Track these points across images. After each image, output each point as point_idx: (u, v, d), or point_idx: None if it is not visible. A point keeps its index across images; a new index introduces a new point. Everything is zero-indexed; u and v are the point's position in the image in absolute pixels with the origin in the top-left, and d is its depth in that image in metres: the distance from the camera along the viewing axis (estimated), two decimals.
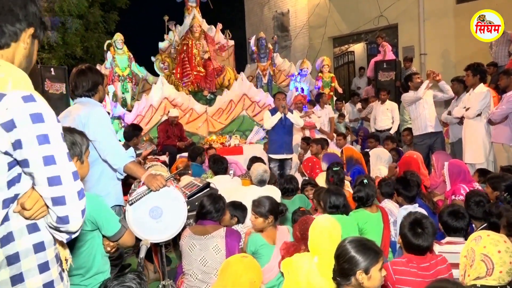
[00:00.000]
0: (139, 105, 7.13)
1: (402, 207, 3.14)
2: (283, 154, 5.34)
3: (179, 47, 7.97)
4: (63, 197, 1.16)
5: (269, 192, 3.52)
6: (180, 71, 7.84)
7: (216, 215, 2.81)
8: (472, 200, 2.90)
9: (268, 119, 5.31)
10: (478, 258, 1.84)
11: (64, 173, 1.16)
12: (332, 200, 2.87)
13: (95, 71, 2.63)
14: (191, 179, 3.92)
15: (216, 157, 4.47)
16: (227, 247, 2.61)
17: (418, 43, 9.37)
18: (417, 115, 5.53)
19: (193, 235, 2.70)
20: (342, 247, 1.77)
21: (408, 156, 4.34)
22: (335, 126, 7.60)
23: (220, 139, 7.10)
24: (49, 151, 1.14)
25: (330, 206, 2.86)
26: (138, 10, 14.34)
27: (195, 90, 7.97)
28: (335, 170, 3.86)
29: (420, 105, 5.44)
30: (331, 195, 2.88)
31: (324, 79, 8.59)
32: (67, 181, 1.16)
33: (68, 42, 11.36)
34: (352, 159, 4.79)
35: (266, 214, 2.72)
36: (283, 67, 9.20)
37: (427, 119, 5.41)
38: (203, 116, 7.46)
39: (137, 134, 4.66)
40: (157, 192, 2.36)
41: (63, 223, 1.19)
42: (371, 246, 1.75)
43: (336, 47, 12.08)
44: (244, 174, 4.75)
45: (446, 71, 7.90)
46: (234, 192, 3.65)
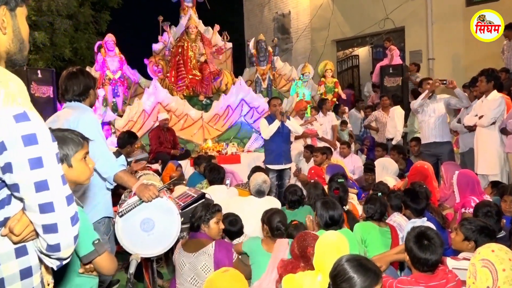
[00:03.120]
0: (131, 110, 7.13)
1: (410, 221, 3.14)
2: (281, 164, 5.32)
3: (174, 49, 8.01)
4: (55, 225, 1.12)
5: (269, 204, 3.52)
6: (175, 74, 7.87)
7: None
8: (480, 211, 2.91)
9: (266, 128, 5.27)
10: (479, 265, 1.84)
11: (58, 199, 1.12)
12: (330, 215, 2.85)
13: (87, 75, 2.64)
14: (185, 189, 3.91)
15: (212, 165, 4.46)
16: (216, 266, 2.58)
17: (426, 47, 9.44)
18: (422, 124, 5.57)
19: (182, 251, 2.68)
20: (340, 266, 1.75)
21: (420, 166, 4.33)
22: (338, 134, 7.62)
23: (217, 147, 7.09)
24: (41, 176, 1.10)
25: (327, 222, 2.85)
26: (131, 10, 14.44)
27: (190, 94, 7.98)
28: (340, 182, 3.86)
29: (426, 113, 5.45)
30: (328, 209, 2.87)
31: (327, 84, 8.63)
32: (60, 208, 1.13)
33: (56, 43, 11.39)
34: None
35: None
36: (283, 71, 9.24)
37: (431, 128, 5.41)
38: (198, 122, 7.46)
39: (131, 142, 4.66)
40: (149, 203, 2.35)
41: (54, 251, 1.16)
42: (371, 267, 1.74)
43: (339, 50, 12.16)
44: (244, 184, 4.74)
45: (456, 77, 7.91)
46: (231, 204, 3.64)
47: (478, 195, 3.54)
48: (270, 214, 2.93)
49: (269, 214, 2.94)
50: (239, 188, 4.50)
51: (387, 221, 3.35)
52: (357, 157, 6.76)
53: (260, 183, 3.66)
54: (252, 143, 7.40)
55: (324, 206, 2.88)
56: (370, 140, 7.65)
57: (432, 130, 5.39)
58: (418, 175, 4.19)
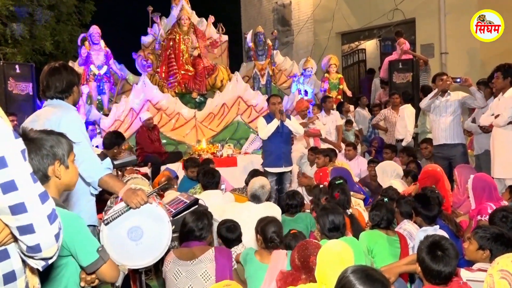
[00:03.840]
0: (118, 108, 7.13)
1: (421, 229, 3.15)
2: (281, 166, 5.33)
3: (165, 43, 8.01)
4: (31, 225, 1.14)
5: (268, 210, 3.52)
6: (166, 70, 7.87)
7: (199, 233, 2.82)
8: (496, 216, 2.92)
9: (264, 127, 5.28)
10: (497, 277, 1.85)
11: (29, 199, 1.13)
12: (330, 221, 2.86)
13: (71, 70, 2.64)
14: (177, 194, 3.91)
15: (206, 168, 4.47)
16: (218, 272, 2.60)
17: (439, 40, 9.46)
18: (433, 124, 5.60)
19: (178, 261, 2.69)
20: (345, 278, 1.76)
21: (431, 170, 4.33)
22: (342, 135, 7.63)
23: (211, 149, 7.09)
24: (7, 176, 1.09)
25: (329, 228, 2.85)
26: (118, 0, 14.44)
27: (182, 91, 7.98)
28: (338, 183, 3.87)
29: (437, 112, 5.47)
30: (329, 214, 2.87)
31: (331, 80, 8.65)
32: (33, 207, 1.14)
33: (36, 36, 11.38)
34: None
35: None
36: (284, 66, 9.25)
37: (442, 129, 5.43)
38: (191, 121, 7.47)
39: (119, 143, 4.67)
40: (137, 209, 2.35)
41: (35, 252, 1.18)
42: (378, 277, 1.74)
43: (344, 44, 12.18)
44: (241, 189, 4.75)
45: (471, 73, 7.96)
46: (227, 210, 3.65)
47: (495, 201, 3.55)
48: (264, 223, 2.93)
49: (263, 223, 2.93)
50: (236, 193, 4.51)
51: (396, 229, 3.36)
52: (363, 159, 6.78)
53: (256, 188, 3.67)
54: (249, 144, 7.41)
55: (324, 211, 2.90)
56: (378, 141, 7.64)
57: (443, 131, 5.40)
58: (429, 179, 4.19)
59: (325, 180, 4.90)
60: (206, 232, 2.87)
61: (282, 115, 5.20)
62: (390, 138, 7.58)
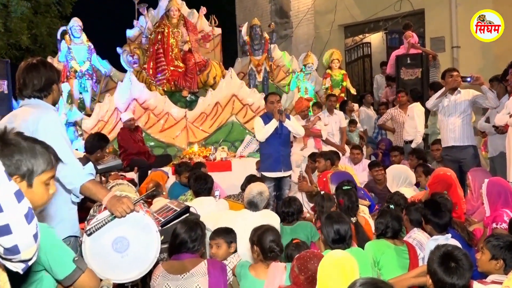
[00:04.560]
0: (101, 108, 7.13)
1: (432, 238, 3.16)
2: (280, 171, 5.33)
3: (152, 36, 8.02)
4: (7, 226, 1.17)
5: (265, 218, 3.53)
6: (153, 66, 7.87)
7: (192, 245, 2.82)
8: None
9: (261, 128, 5.28)
10: None
11: (3, 198, 1.16)
12: (335, 230, 2.86)
13: (50, 67, 2.64)
14: (166, 201, 3.91)
15: (198, 173, 4.47)
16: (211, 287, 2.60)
17: (450, 33, 9.51)
18: (441, 124, 5.64)
19: (167, 274, 2.69)
20: None
21: (442, 174, 4.35)
22: (347, 136, 7.65)
23: (203, 152, 7.10)
24: None
25: (334, 239, 2.86)
26: None
27: (171, 89, 7.99)
28: (345, 189, 3.88)
29: (445, 111, 5.49)
30: (333, 223, 2.87)
31: (333, 77, 8.68)
32: (9, 206, 1.17)
33: (11, 29, 11.35)
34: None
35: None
36: (282, 62, 9.28)
37: (449, 129, 5.45)
38: (181, 122, 7.47)
39: (102, 146, 4.68)
40: (122, 218, 2.35)
41: (13, 254, 1.21)
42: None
43: (348, 37, 12.22)
44: (236, 195, 4.75)
45: (485, 69, 8.02)
46: (221, 218, 3.65)
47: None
48: (260, 232, 2.92)
49: (260, 232, 2.93)
50: (231, 200, 4.51)
51: (405, 239, 3.37)
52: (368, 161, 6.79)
53: (254, 194, 3.67)
54: (245, 147, 7.41)
55: (328, 220, 2.90)
56: (386, 143, 7.66)
57: (452, 132, 5.42)
58: (440, 184, 4.22)
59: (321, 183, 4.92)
60: (199, 244, 2.87)
61: (281, 115, 5.19)
62: (398, 139, 7.61)
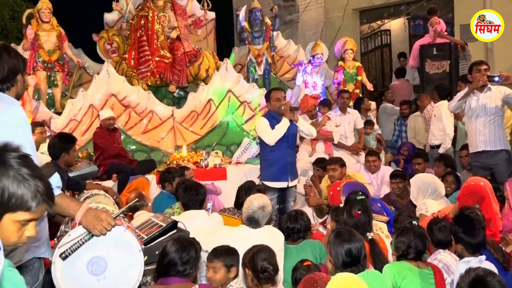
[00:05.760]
0: (74, 105, 7.12)
1: (462, 260, 3.16)
2: (285, 180, 5.33)
3: (134, 21, 8.03)
4: None
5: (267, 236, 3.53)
6: (136, 56, 7.88)
7: (182, 268, 2.81)
8: None
9: (269, 131, 5.25)
10: None
11: None
12: (346, 251, 2.83)
13: (14, 54, 2.62)
14: (150, 215, 3.90)
15: (188, 183, 4.47)
16: None
17: None
18: (468, 126, 5.66)
19: None
20: None
21: (474, 184, 4.34)
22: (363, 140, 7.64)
23: (193, 157, 7.09)
24: None
25: (345, 262, 2.83)
26: None
27: (157, 84, 7.99)
28: (359, 199, 3.88)
29: (473, 112, 5.50)
30: (343, 242, 2.83)
31: (346, 70, 8.68)
32: None
33: None
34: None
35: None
36: (286, 51, 9.28)
37: (478, 133, 5.47)
38: (168, 122, 7.47)
39: (67, 149, 4.63)
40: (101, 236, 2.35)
41: None
42: None
43: (364, 23, 12.24)
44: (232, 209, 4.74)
45: None
46: (214, 235, 3.65)
47: None
48: (252, 253, 2.94)
49: (251, 253, 2.94)
50: (225, 215, 4.50)
51: (429, 260, 3.37)
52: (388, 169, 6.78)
53: (255, 209, 3.66)
54: (243, 151, 7.41)
55: (337, 238, 2.86)
56: (408, 147, 7.63)
57: (480, 135, 5.44)
58: (471, 196, 4.20)
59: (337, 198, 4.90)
60: (192, 268, 2.86)
61: (293, 113, 5.19)
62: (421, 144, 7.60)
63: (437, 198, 4.99)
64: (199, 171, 6.55)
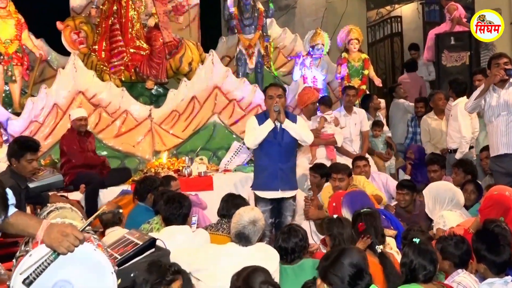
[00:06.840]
0: (35, 104, 7.10)
1: (485, 281, 3.17)
2: (276, 189, 5.31)
3: (106, 7, 8.02)
4: None
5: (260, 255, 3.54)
6: (107, 47, 7.87)
7: None
8: None
9: (252, 131, 5.29)
10: None
11: None
12: (350, 269, 2.74)
13: None
14: (124, 232, 3.89)
15: (170, 194, 4.45)
16: None
17: (508, 5, 9.59)
18: (489, 127, 5.73)
19: None
20: None
21: (498, 194, 4.36)
22: (369, 144, 7.66)
23: (175, 164, 7.09)
24: None
25: (350, 283, 2.78)
26: None
27: (132, 79, 8.00)
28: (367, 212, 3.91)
29: (493, 111, 5.56)
30: (346, 257, 2.73)
31: (351, 62, 8.71)
32: None
33: None
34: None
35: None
36: (282, 42, 9.31)
37: (499, 134, 5.52)
38: (145, 123, 7.47)
39: (23, 154, 4.59)
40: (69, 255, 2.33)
41: None
42: None
43: (371, 9, 12.31)
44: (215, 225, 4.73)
45: None
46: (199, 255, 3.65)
47: None
48: (245, 274, 2.93)
49: (244, 275, 2.93)
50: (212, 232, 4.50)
51: (446, 282, 3.38)
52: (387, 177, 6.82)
53: (245, 224, 3.66)
54: (232, 157, 7.41)
55: (341, 256, 2.75)
56: (415, 150, 7.61)
57: (502, 136, 5.49)
58: (495, 208, 4.22)
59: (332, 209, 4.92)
60: None
61: (279, 114, 5.18)
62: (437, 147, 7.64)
63: (456, 207, 5.00)
64: (181, 180, 6.51)
